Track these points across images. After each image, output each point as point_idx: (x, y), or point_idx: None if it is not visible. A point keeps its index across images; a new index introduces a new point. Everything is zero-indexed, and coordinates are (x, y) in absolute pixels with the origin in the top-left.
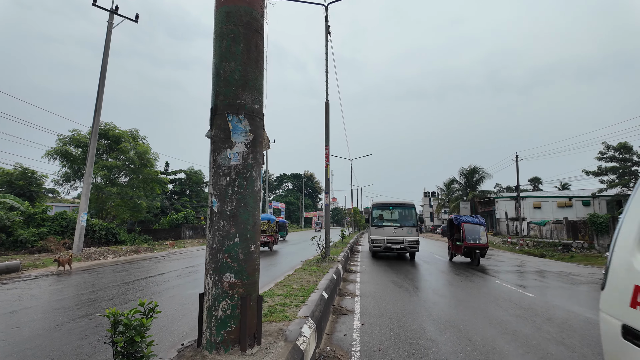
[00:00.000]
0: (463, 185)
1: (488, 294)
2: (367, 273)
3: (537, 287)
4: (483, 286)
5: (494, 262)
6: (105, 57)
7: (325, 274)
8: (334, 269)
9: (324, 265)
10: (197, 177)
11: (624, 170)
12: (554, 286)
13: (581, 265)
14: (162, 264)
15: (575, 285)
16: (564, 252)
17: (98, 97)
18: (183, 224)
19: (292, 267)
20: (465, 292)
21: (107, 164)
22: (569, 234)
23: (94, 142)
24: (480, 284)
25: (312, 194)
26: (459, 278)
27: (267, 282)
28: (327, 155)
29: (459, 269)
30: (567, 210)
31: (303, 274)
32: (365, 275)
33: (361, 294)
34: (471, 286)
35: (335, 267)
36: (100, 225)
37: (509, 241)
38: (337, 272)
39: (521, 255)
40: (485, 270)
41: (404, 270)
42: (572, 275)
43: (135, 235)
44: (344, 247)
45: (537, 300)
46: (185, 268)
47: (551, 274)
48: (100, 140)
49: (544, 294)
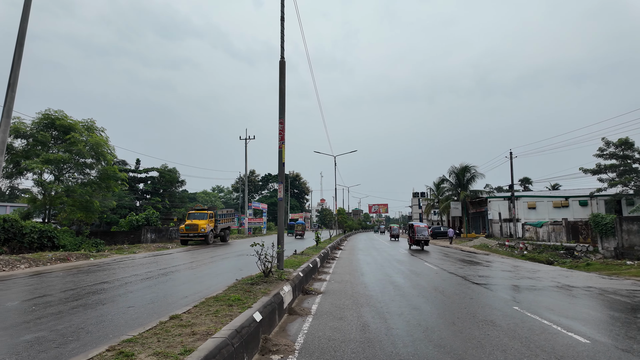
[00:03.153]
0: (454, 185)
1: (515, 348)
2: (334, 295)
3: (585, 321)
4: (497, 320)
5: (496, 271)
6: (24, 21)
7: (242, 313)
8: (270, 297)
9: (258, 290)
10: (171, 175)
11: (625, 168)
12: (606, 318)
13: (606, 277)
14: (69, 279)
15: (634, 314)
16: (570, 257)
17: (13, 69)
18: (144, 226)
19: (213, 290)
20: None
21: (52, 157)
22: (568, 236)
23: (6, 124)
24: (494, 318)
25: (299, 194)
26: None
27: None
28: (281, 131)
29: (451, 283)
30: (564, 211)
31: (201, 312)
32: (329, 301)
33: (308, 345)
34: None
35: (275, 291)
36: (32, 227)
37: (506, 244)
38: (271, 307)
39: (524, 261)
40: (490, 287)
41: (392, 287)
42: (609, 294)
43: (83, 239)
44: (314, 254)
45: (598, 348)
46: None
47: (582, 292)
48: (47, 130)
49: (604, 332)
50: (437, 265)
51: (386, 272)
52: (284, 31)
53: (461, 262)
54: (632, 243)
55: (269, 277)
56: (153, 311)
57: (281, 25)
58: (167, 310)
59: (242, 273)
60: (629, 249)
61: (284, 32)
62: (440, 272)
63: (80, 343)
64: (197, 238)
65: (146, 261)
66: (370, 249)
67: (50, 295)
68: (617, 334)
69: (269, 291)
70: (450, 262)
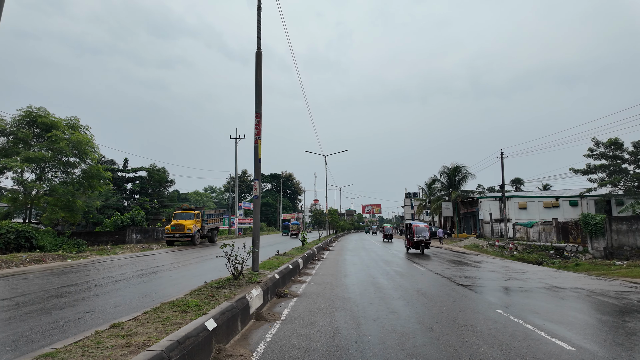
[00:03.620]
0: (445, 185)
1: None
2: (310, 298)
3: (571, 325)
4: (477, 324)
5: (483, 272)
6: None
7: (193, 321)
8: (233, 301)
9: (222, 294)
10: (159, 175)
11: (614, 169)
12: (594, 322)
13: (594, 277)
14: (36, 282)
15: (622, 318)
16: (559, 257)
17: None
18: (129, 227)
19: (178, 290)
20: None
21: (32, 155)
22: (559, 236)
23: None
24: (475, 322)
25: (292, 194)
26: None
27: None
28: (257, 125)
29: (438, 283)
30: (554, 211)
31: (149, 319)
32: (304, 304)
33: (266, 356)
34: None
35: (241, 296)
36: (9, 227)
37: (496, 245)
38: (231, 312)
39: (513, 261)
40: (476, 289)
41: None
42: (597, 296)
43: (64, 240)
44: (298, 255)
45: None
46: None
47: (570, 293)
48: (28, 128)
49: (590, 338)
50: (424, 266)
51: (371, 273)
52: (261, 21)
53: (449, 262)
54: (621, 243)
55: (238, 279)
56: (112, 317)
57: (258, 15)
58: (126, 316)
59: (223, 275)
60: (619, 249)
61: (261, 22)
62: (427, 272)
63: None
64: (183, 239)
65: (125, 262)
66: (359, 250)
67: (9, 299)
68: (604, 340)
69: (233, 295)
70: (438, 262)
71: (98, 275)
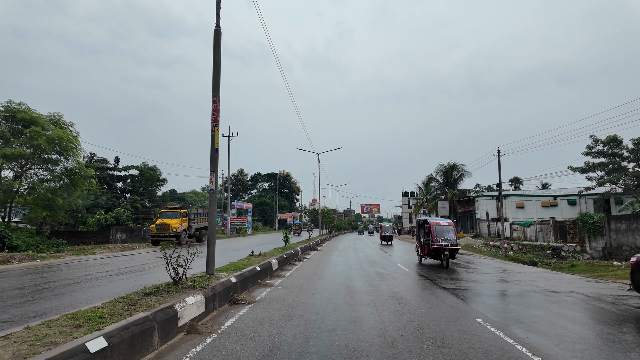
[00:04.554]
0: (441, 184)
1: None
2: (267, 304)
3: (559, 339)
4: (449, 338)
5: (472, 274)
6: None
7: (76, 339)
8: (151, 312)
9: (147, 302)
10: (151, 174)
11: (613, 166)
12: (587, 333)
13: (591, 279)
14: None
15: (619, 328)
16: (556, 258)
17: None
18: (113, 226)
19: (118, 295)
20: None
21: (9, 152)
22: (556, 235)
23: None
24: (446, 335)
25: (289, 194)
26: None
27: None
28: (215, 111)
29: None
30: (552, 210)
31: (27, 336)
32: (255, 313)
33: None
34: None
35: (167, 304)
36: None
37: (491, 244)
38: (140, 327)
39: (506, 262)
40: (459, 293)
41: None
42: (592, 301)
43: (42, 239)
44: (274, 255)
45: None
46: None
47: (562, 298)
48: (8, 123)
49: (580, 356)
50: (411, 268)
51: (350, 275)
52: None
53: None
54: (620, 243)
55: (178, 285)
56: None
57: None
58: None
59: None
60: (617, 248)
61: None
62: (410, 274)
63: None
64: (168, 238)
65: (96, 263)
66: (347, 250)
67: None
68: (597, 358)
69: (158, 304)
70: (427, 262)
71: (54, 278)
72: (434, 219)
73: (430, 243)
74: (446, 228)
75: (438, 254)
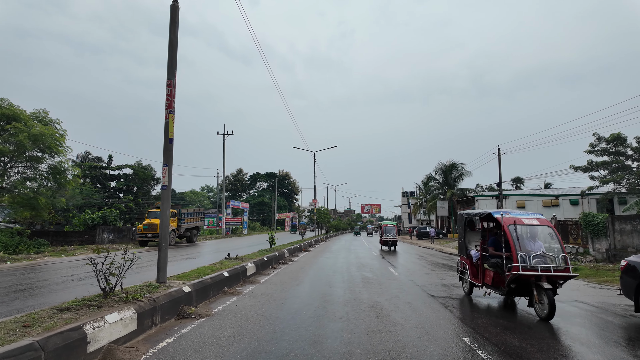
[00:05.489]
0: (441, 183)
1: None
2: (222, 319)
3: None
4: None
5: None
6: None
7: None
8: (40, 338)
9: (51, 322)
10: (144, 173)
11: (617, 165)
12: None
13: (596, 285)
14: None
15: (633, 351)
16: None
17: None
18: (99, 225)
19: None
20: None
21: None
22: None
23: None
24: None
25: (288, 194)
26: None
27: None
28: (170, 95)
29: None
30: (554, 210)
31: None
32: (201, 331)
33: None
34: None
35: (73, 326)
36: None
37: None
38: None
39: None
40: (448, 302)
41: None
42: (599, 313)
43: (22, 240)
44: (253, 258)
45: None
46: None
47: (567, 309)
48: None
49: None
50: (401, 271)
51: (332, 281)
52: None
53: (433, 265)
54: (624, 244)
55: (108, 297)
56: None
57: None
58: None
59: (133, 280)
60: (622, 250)
61: None
62: (401, 279)
63: None
64: (156, 239)
65: (69, 265)
66: (340, 251)
67: None
68: None
69: (64, 325)
70: (421, 265)
71: (9, 283)
72: (511, 214)
73: (505, 264)
74: (540, 230)
75: (524, 287)
